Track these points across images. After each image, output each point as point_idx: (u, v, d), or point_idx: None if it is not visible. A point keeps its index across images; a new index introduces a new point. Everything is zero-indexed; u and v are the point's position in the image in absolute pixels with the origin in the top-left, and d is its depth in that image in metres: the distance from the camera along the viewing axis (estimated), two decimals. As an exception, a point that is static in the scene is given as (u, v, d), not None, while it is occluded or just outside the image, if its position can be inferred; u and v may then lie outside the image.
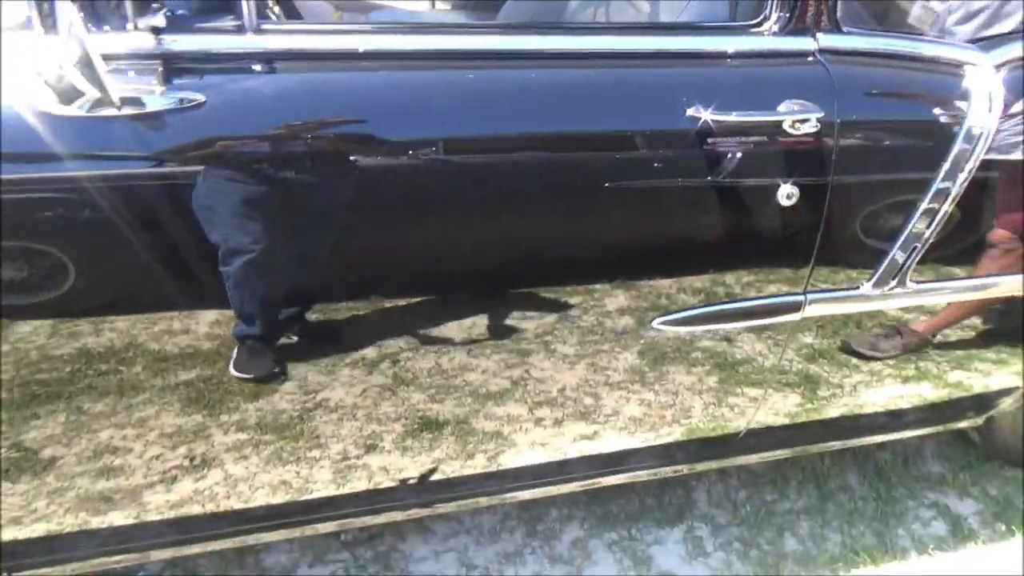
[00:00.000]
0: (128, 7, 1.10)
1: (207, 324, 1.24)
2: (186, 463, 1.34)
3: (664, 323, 1.51)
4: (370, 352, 1.34)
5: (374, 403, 1.39)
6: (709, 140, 1.37)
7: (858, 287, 1.62)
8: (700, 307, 1.53)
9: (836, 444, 1.97)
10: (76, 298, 1.19)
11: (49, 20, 1.04)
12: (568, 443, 1.62)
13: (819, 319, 1.63)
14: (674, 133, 1.38)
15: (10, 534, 1.30)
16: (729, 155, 1.40)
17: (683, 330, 1.53)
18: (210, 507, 1.42)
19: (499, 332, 1.41)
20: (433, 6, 3.11)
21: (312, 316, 1.31)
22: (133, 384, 1.24)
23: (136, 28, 1.11)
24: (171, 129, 1.14)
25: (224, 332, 1.25)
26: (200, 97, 1.15)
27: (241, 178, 1.20)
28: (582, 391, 1.54)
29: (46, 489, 1.28)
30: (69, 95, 1.06)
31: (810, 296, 1.59)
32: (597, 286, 1.45)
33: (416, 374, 1.39)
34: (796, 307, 1.59)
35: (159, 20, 1.12)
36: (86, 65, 1.00)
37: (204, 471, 1.36)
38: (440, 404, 1.45)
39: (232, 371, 1.27)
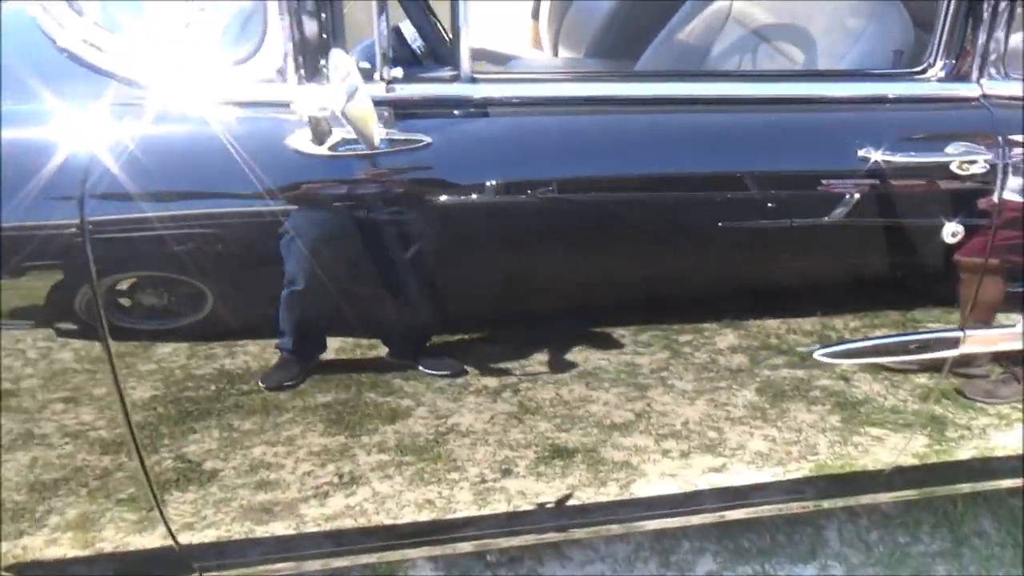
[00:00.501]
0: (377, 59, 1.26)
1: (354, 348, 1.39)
2: (336, 480, 1.47)
3: (826, 355, 1.56)
4: (491, 381, 1.43)
5: (503, 430, 1.48)
6: (879, 180, 1.45)
7: (1015, 325, 1.62)
8: (861, 340, 1.56)
9: (965, 487, 1.93)
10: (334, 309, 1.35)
11: (320, 69, 1.22)
12: (696, 475, 1.66)
13: (970, 356, 1.63)
14: (845, 173, 1.45)
15: (186, 538, 1.47)
16: (898, 194, 1.49)
17: (845, 362, 1.58)
18: (361, 521, 1.54)
19: (620, 366, 1.48)
20: (556, 54, 3.20)
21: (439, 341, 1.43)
22: (276, 404, 1.37)
23: (383, 79, 1.26)
24: (404, 166, 1.29)
25: (366, 355, 1.38)
26: (426, 139, 1.29)
27: (463, 208, 1.34)
28: (705, 425, 1.59)
29: (212, 499, 1.43)
30: (323, 135, 1.23)
31: (968, 332, 1.59)
32: (753, 321, 1.52)
33: (539, 404, 1.47)
34: (955, 343, 1.60)
35: (398, 72, 1.27)
36: (360, 110, 1.13)
37: (353, 488, 1.49)
38: (567, 433, 1.52)
39: None
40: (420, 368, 1.40)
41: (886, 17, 1.68)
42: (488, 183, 1.32)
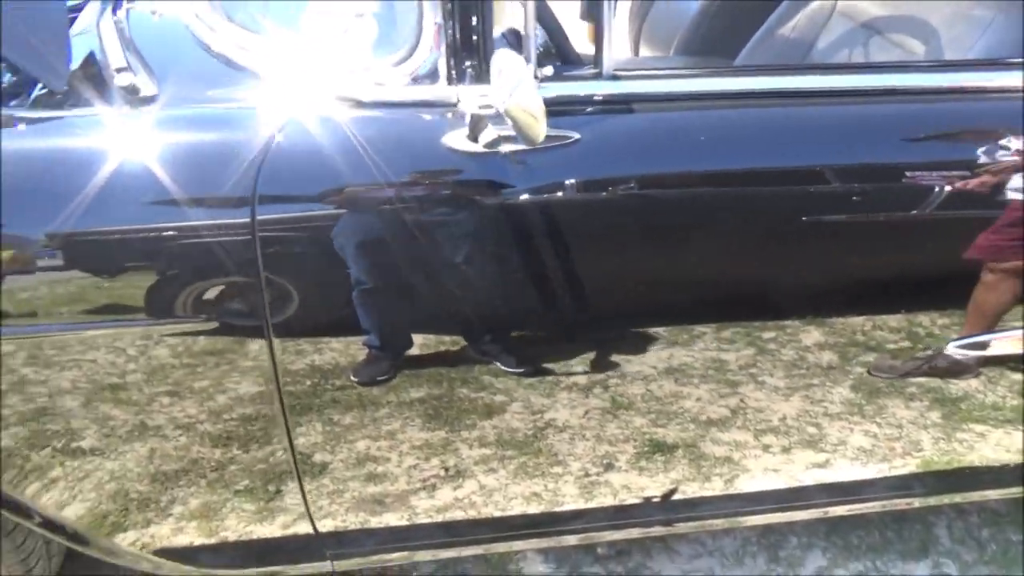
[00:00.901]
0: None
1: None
2: (442, 473, 1.54)
3: (960, 347, 1.55)
4: (580, 378, 1.47)
5: (599, 425, 1.52)
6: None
7: None
8: (995, 332, 1.54)
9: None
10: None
11: (470, 68, 1.28)
12: (800, 470, 1.66)
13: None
14: (991, 165, 1.42)
15: (324, 526, 1.57)
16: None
17: (975, 354, 1.56)
18: (472, 513, 1.60)
19: (708, 363, 1.50)
20: (636, 53, 3.16)
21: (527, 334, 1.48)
22: (372, 399, 1.44)
23: (536, 77, 1.29)
24: (555, 163, 1.33)
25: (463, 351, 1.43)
26: (575, 135, 1.33)
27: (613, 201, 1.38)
28: (803, 420, 1.59)
29: (325, 491, 1.52)
30: (479, 133, 1.29)
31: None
32: (871, 317, 1.52)
33: (631, 399, 1.50)
34: None
35: (548, 70, 1.34)
36: (526, 108, 1.16)
37: (460, 480, 1.55)
38: (664, 428, 1.55)
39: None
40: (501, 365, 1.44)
41: (1013, 6, 1.64)
42: (634, 178, 1.36)
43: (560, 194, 1.34)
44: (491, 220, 1.34)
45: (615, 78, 1.36)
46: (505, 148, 1.30)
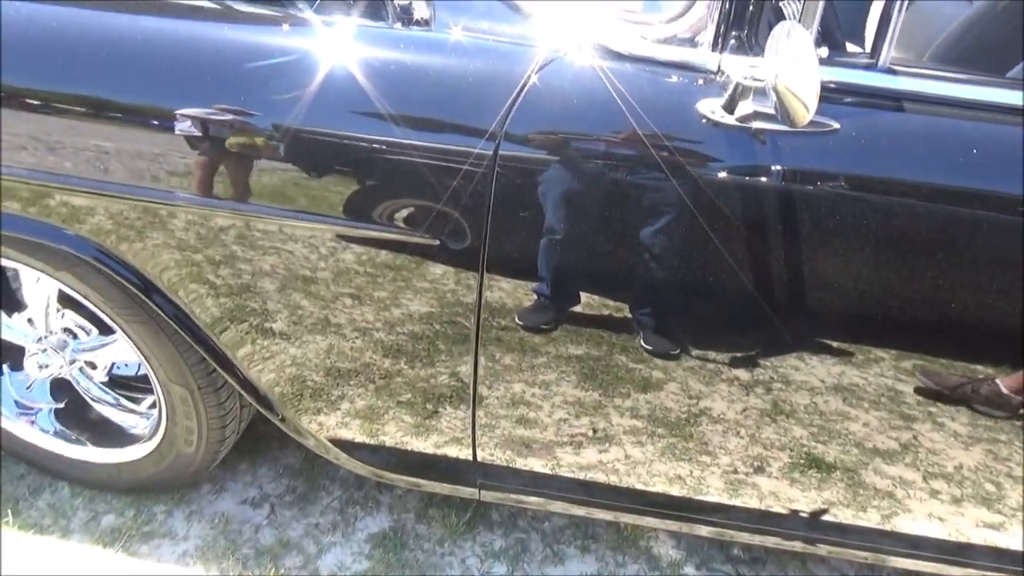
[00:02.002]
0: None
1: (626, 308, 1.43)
2: (590, 433, 1.54)
3: None
4: (743, 374, 1.41)
5: (756, 425, 1.46)
6: None
7: None
8: None
9: None
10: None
11: (737, 39, 1.24)
12: (969, 526, 1.52)
13: None
14: None
15: (482, 455, 1.63)
16: None
17: None
18: (612, 479, 1.61)
19: (883, 390, 1.38)
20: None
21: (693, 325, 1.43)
22: (532, 346, 1.44)
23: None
24: (809, 148, 1.26)
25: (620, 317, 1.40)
26: (834, 124, 1.25)
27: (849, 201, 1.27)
28: (982, 475, 1.45)
29: (480, 422, 1.56)
30: (735, 103, 1.23)
31: None
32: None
33: (794, 407, 1.43)
34: None
35: (823, 51, 1.26)
36: (802, 87, 1.10)
37: (606, 445, 1.55)
38: (824, 445, 1.46)
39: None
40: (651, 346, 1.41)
41: None
42: (893, 182, 1.26)
43: (800, 182, 1.26)
44: (712, 194, 1.27)
45: (891, 72, 1.25)
46: (757, 124, 1.24)
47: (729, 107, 1.23)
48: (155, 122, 1.33)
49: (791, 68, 1.09)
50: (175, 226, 1.41)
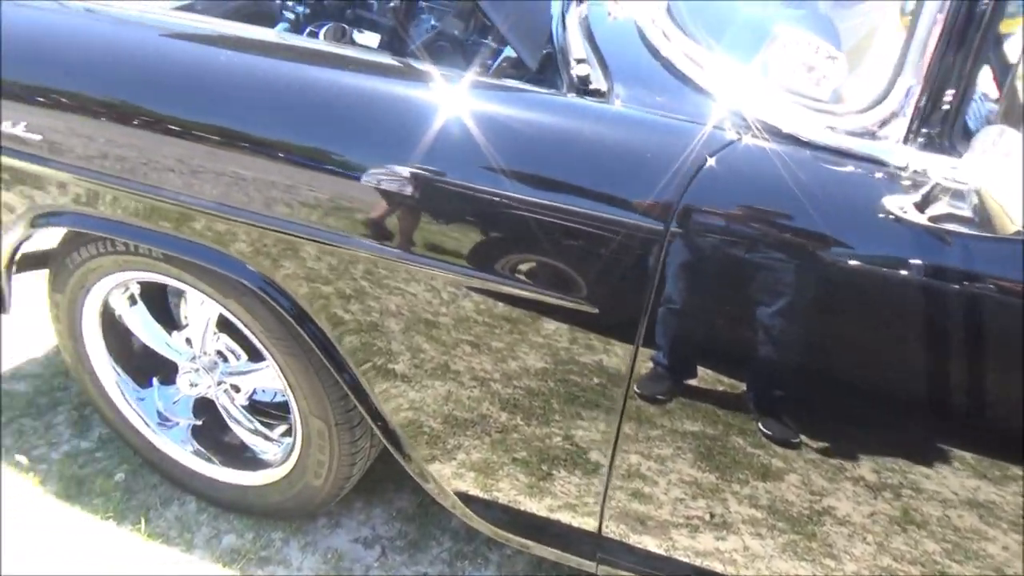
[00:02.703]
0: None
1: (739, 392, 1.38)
2: (707, 517, 1.50)
3: None
4: (871, 476, 1.35)
5: (885, 533, 1.39)
6: None
7: None
8: None
9: None
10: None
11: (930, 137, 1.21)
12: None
13: None
14: None
15: (609, 530, 1.61)
16: None
17: None
18: (730, 570, 1.55)
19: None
20: None
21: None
22: (646, 417, 1.43)
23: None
24: (1004, 258, 1.18)
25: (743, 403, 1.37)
26: None
27: None
28: None
29: (593, 489, 1.55)
30: (928, 202, 1.18)
31: None
32: None
33: (925, 519, 1.35)
34: None
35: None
36: (1013, 191, 1.04)
37: (724, 532, 1.50)
38: (961, 565, 1.38)
39: None
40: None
41: None
42: None
43: (987, 291, 1.19)
44: (888, 291, 1.23)
45: None
46: (950, 226, 1.19)
47: (922, 206, 1.19)
48: (343, 171, 1.42)
49: (999, 173, 1.05)
50: (355, 271, 1.48)
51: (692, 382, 1.38)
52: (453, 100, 1.40)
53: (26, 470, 2.18)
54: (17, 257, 1.85)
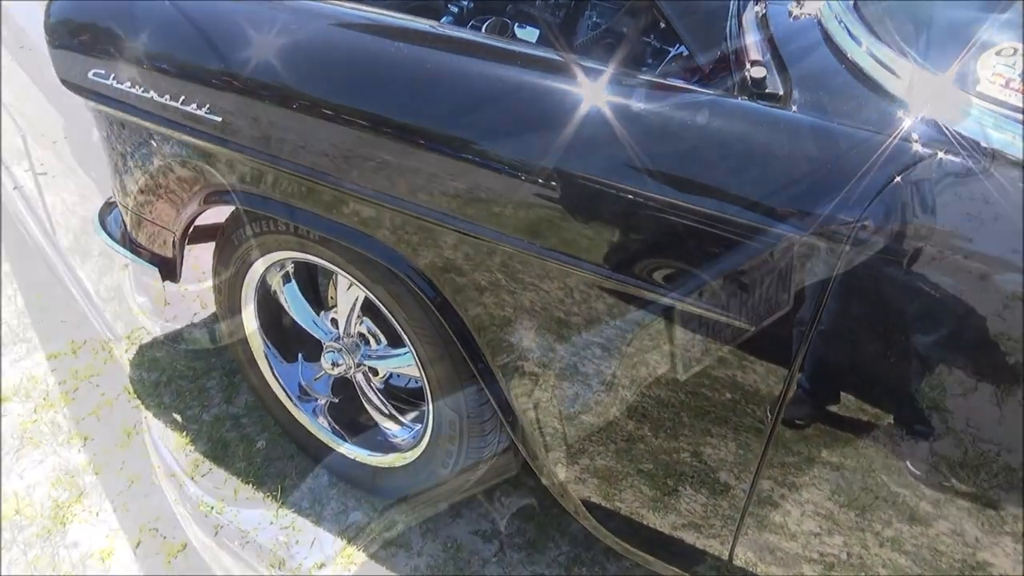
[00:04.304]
0: None
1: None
2: (844, 556, 1.40)
3: None
4: None
5: None
6: None
7: None
8: None
9: None
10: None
11: None
12: None
13: None
14: None
15: (739, 560, 1.54)
16: None
17: None
18: None
19: None
20: None
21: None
22: (796, 444, 1.34)
23: None
24: None
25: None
26: None
27: None
28: None
29: (723, 512, 1.48)
30: None
31: None
32: None
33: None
34: None
35: None
36: None
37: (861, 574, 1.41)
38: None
39: None
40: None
41: None
42: None
43: None
44: None
45: None
46: None
47: None
48: (507, 170, 1.38)
49: None
50: (492, 263, 1.47)
51: (849, 413, 1.28)
52: (611, 98, 1.35)
53: (181, 429, 2.31)
54: (191, 231, 1.95)
